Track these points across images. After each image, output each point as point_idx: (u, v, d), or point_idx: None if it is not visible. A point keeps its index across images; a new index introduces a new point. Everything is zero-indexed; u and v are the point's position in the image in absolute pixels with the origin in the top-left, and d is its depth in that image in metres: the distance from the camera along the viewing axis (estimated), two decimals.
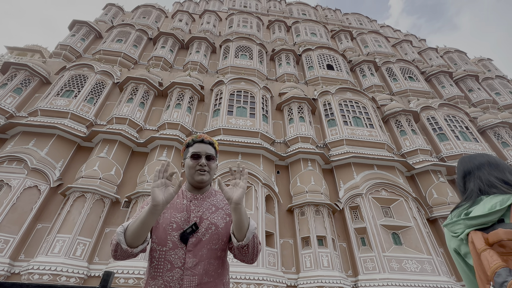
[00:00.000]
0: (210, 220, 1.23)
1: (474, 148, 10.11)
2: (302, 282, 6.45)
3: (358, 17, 22.34)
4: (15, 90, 9.18)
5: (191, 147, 1.37)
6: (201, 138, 1.39)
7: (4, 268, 5.91)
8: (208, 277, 1.13)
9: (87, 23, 13.27)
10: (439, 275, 6.59)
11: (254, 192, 7.65)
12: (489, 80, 15.33)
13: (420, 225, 7.49)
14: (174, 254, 1.13)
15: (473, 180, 1.08)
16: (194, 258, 1.13)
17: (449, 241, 1.05)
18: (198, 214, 1.24)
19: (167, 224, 1.18)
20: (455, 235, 0.98)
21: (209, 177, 1.34)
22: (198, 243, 1.16)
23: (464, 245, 0.96)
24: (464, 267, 0.99)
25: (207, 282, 1.12)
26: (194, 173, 1.30)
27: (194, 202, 1.28)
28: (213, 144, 1.42)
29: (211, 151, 1.37)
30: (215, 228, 1.21)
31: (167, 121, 8.94)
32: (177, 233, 1.17)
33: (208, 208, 1.28)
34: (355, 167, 8.76)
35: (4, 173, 7.02)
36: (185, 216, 1.22)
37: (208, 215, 1.25)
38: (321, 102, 11.10)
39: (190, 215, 1.23)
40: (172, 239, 1.15)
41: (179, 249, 1.14)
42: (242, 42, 13.87)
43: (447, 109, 11.83)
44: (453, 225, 1.00)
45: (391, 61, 14.91)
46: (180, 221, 1.20)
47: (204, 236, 1.18)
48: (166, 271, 1.10)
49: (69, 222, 6.53)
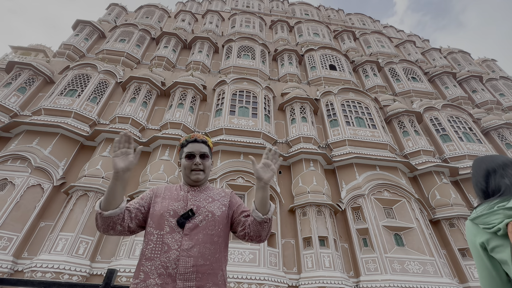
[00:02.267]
0: (207, 208, 1.29)
1: (478, 149, 10.03)
2: (303, 282, 6.44)
3: (361, 17, 22.27)
4: (19, 89, 9.25)
5: (185, 147, 1.41)
6: (194, 137, 1.43)
7: (7, 265, 5.96)
8: (204, 260, 1.16)
9: (90, 23, 13.34)
10: (441, 276, 6.55)
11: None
12: (493, 81, 15.22)
13: (422, 226, 7.44)
14: (171, 238, 1.18)
15: (504, 177, 1.08)
16: (190, 241, 1.18)
17: (474, 235, 1.04)
18: (195, 202, 1.30)
19: (164, 210, 1.25)
20: (488, 226, 0.97)
21: (204, 175, 1.39)
22: (195, 228, 1.22)
23: (496, 238, 0.95)
24: (488, 263, 0.99)
25: (203, 264, 1.15)
26: (190, 173, 1.36)
27: (192, 193, 1.35)
28: (207, 142, 1.46)
29: (205, 150, 1.41)
30: (211, 215, 1.27)
31: (170, 121, 8.96)
32: (174, 220, 1.22)
33: (205, 198, 1.34)
34: (357, 167, 8.73)
35: (8, 172, 7.08)
36: (183, 205, 1.28)
37: (205, 204, 1.31)
38: (324, 103, 11.07)
39: (187, 203, 1.29)
40: (170, 224, 1.21)
41: (176, 233, 1.19)
42: (244, 42, 13.88)
43: (450, 110, 11.75)
44: (488, 216, 0.99)
45: (394, 62, 14.85)
46: (178, 209, 1.26)
47: (201, 222, 1.24)
48: (163, 253, 1.15)
49: (72, 220, 6.57)
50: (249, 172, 7.97)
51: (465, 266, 7.27)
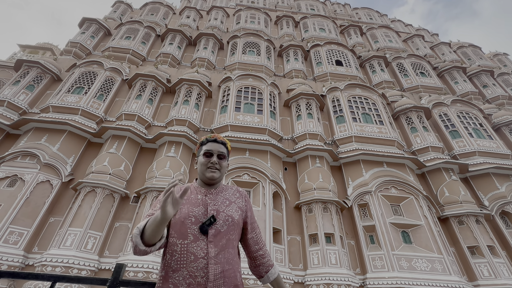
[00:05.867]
0: (226, 212, 1.31)
1: (488, 145, 9.81)
2: (309, 279, 6.43)
3: (368, 11, 21.88)
4: (28, 87, 9.38)
5: (205, 146, 1.45)
6: (215, 137, 1.47)
7: (19, 260, 6.09)
8: (228, 265, 1.21)
9: (96, 20, 13.42)
10: (450, 274, 6.46)
11: (262, 189, 7.63)
12: (505, 76, 14.81)
13: (430, 224, 7.34)
14: (196, 246, 1.18)
15: None
16: (216, 248, 1.20)
17: None
18: (214, 207, 1.31)
19: (185, 218, 1.24)
20: None
21: (219, 174, 1.40)
22: (218, 234, 1.23)
23: None
24: None
25: (228, 269, 1.20)
26: (205, 170, 1.38)
27: (210, 196, 1.36)
28: (226, 144, 1.50)
29: (223, 150, 1.44)
30: (231, 220, 1.30)
31: (175, 118, 8.99)
32: (197, 227, 1.22)
33: (222, 202, 1.36)
34: (364, 164, 8.63)
35: (18, 168, 7.21)
36: (203, 210, 1.28)
37: (224, 208, 1.32)
38: (330, 99, 10.95)
39: (207, 208, 1.29)
40: (193, 232, 1.21)
41: (200, 241, 1.19)
42: (249, 38, 13.78)
43: (460, 106, 11.50)
44: None
45: (402, 57, 14.56)
46: (198, 214, 1.26)
47: (223, 227, 1.25)
48: (190, 262, 1.15)
49: (80, 216, 6.67)
50: (254, 168, 7.96)
51: (474, 264, 7.15)
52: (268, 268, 1.41)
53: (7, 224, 6.33)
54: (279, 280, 1.41)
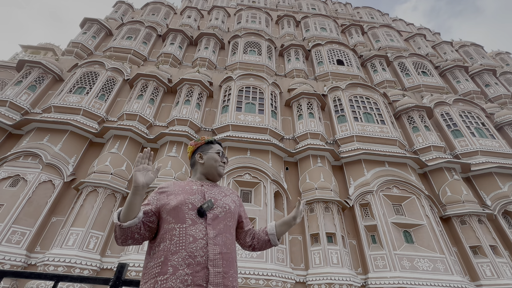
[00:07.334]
0: (223, 201, 1.38)
1: (491, 145, 9.76)
2: (311, 278, 6.42)
3: (369, 10, 21.81)
4: (30, 87, 9.41)
5: (215, 145, 1.61)
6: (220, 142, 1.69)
7: (21, 259, 6.12)
8: (226, 249, 1.24)
9: (97, 20, 13.45)
10: (452, 274, 6.43)
11: (263, 189, 7.63)
12: (507, 75, 14.72)
13: (432, 223, 7.31)
14: (195, 229, 1.21)
15: None
16: (214, 230, 1.23)
17: None
18: (211, 195, 1.37)
19: (182, 204, 1.26)
20: None
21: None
22: (216, 218, 1.28)
23: None
24: None
25: (226, 252, 1.22)
26: (218, 166, 1.53)
27: (206, 187, 1.43)
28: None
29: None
30: (228, 207, 1.36)
31: (177, 117, 9.00)
32: (194, 212, 1.25)
33: (219, 192, 1.43)
34: (366, 164, 8.61)
35: (20, 168, 7.25)
36: (199, 197, 1.33)
37: (221, 198, 1.39)
38: (331, 98, 10.92)
39: (204, 195, 1.35)
40: (191, 217, 1.23)
41: (199, 224, 1.22)
42: (250, 37, 13.77)
43: (462, 105, 11.44)
44: None
45: (403, 56, 14.51)
46: (195, 201, 1.30)
47: (220, 213, 1.31)
48: (189, 243, 1.16)
49: (82, 216, 6.69)
50: (256, 168, 7.95)
51: (476, 264, 7.12)
52: (264, 231, 1.52)
53: (10, 223, 6.36)
54: (278, 223, 1.53)
